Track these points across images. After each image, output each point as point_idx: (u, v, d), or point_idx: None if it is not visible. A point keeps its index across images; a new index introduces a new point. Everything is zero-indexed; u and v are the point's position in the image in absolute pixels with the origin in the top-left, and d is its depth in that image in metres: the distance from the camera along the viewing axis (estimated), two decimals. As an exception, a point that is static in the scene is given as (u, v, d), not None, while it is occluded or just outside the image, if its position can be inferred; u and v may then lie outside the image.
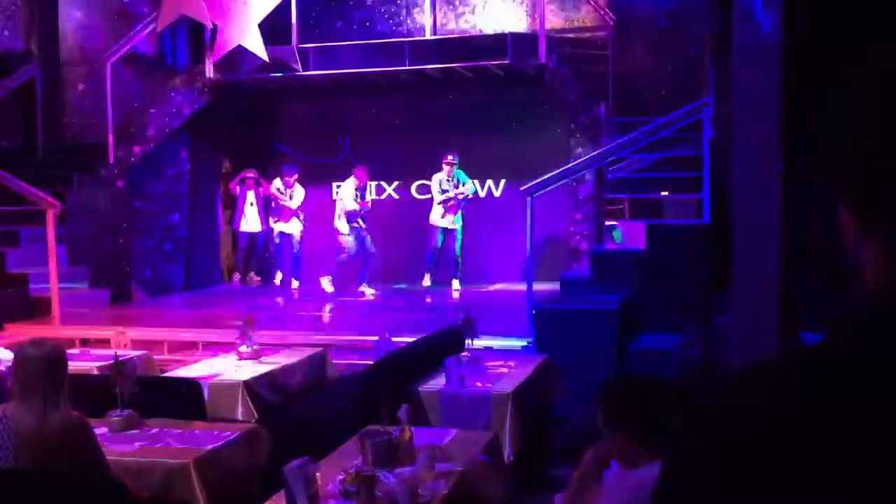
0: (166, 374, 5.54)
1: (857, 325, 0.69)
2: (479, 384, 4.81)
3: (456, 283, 9.99)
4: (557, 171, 7.70)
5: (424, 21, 10.32)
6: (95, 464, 3.20)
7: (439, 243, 9.95)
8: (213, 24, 9.52)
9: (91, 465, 3.17)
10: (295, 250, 10.56)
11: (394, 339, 5.96)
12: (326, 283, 9.91)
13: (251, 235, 10.67)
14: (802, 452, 0.63)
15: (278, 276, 10.67)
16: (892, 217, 0.68)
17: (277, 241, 10.58)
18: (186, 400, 4.53)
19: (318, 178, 10.86)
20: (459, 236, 9.99)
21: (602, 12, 9.68)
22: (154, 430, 3.91)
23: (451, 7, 10.69)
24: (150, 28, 9.72)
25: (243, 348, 5.62)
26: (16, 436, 3.05)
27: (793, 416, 0.64)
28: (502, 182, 10.69)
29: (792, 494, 0.63)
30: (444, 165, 9.84)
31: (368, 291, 9.75)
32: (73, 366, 3.74)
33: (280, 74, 9.79)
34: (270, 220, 10.67)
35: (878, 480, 0.61)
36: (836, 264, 0.75)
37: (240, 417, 4.82)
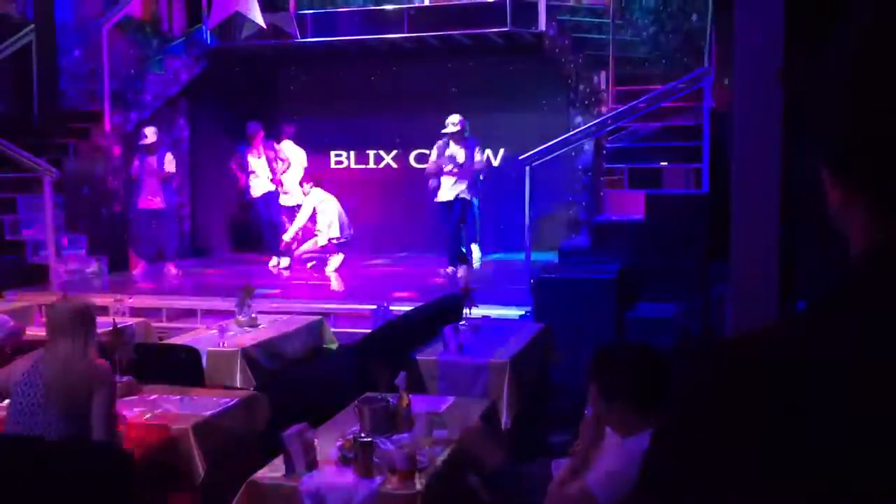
0: (165, 342, 5.55)
1: (845, 286, 0.70)
2: (476, 353, 4.82)
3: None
4: (556, 140, 7.67)
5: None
6: (108, 417, 3.26)
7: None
8: (210, -10, 9.42)
9: (105, 420, 3.23)
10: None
11: (392, 307, 5.98)
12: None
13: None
14: (796, 406, 0.64)
15: None
16: (874, 180, 0.69)
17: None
18: (185, 367, 4.55)
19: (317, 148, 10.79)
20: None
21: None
22: (153, 397, 3.93)
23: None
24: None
25: (241, 316, 5.64)
26: (45, 380, 3.19)
27: (787, 371, 0.65)
28: (501, 151, 10.63)
29: (787, 448, 0.63)
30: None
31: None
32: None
33: (278, 41, 9.69)
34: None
35: (868, 429, 0.62)
36: (833, 232, 0.76)
37: (238, 384, 4.84)
